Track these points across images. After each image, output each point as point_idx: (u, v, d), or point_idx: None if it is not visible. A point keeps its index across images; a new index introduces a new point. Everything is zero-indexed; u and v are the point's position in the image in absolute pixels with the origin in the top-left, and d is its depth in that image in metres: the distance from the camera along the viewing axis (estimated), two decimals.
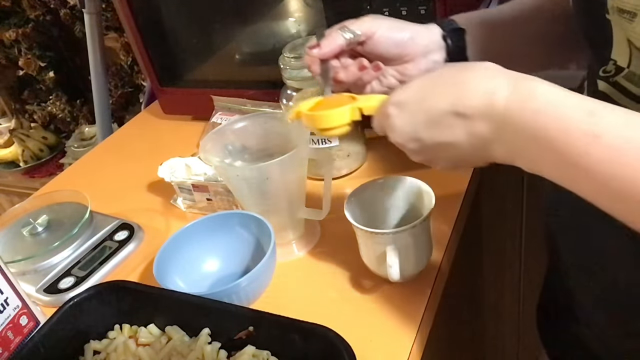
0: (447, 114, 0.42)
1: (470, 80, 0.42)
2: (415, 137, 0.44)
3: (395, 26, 0.57)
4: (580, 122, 0.36)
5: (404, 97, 0.45)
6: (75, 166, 1.08)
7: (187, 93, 1.05)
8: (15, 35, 1.82)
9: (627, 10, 0.40)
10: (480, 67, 0.43)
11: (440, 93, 0.43)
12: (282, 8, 0.87)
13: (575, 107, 0.37)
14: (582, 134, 0.36)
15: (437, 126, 0.43)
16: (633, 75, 0.43)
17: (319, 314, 0.56)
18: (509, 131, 0.39)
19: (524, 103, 0.38)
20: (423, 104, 0.44)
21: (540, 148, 0.38)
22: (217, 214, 0.71)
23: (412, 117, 0.44)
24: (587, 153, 0.35)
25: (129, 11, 0.96)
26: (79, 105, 1.95)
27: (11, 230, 0.82)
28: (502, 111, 0.39)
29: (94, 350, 0.59)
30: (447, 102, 0.42)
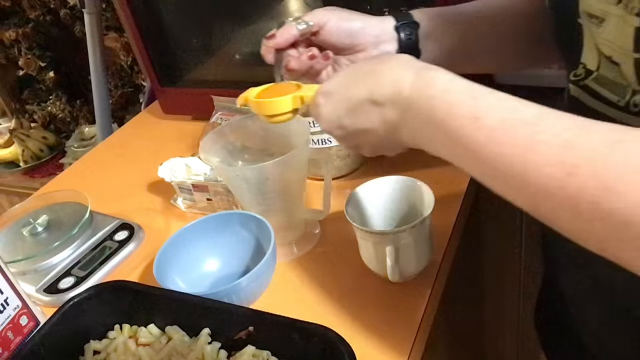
0: (364, 102, 0.45)
1: (384, 70, 0.45)
2: (340, 124, 0.48)
3: (346, 17, 0.59)
4: (465, 105, 0.38)
5: (329, 87, 0.48)
6: (75, 166, 1.08)
7: (187, 93, 1.05)
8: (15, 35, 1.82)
9: (595, 15, 0.41)
10: (394, 58, 0.46)
11: (359, 83, 0.46)
12: (282, 8, 0.87)
13: (462, 92, 0.40)
14: (465, 116, 0.38)
15: (357, 113, 0.46)
16: (603, 78, 0.44)
17: (319, 314, 0.56)
18: (410, 116, 0.42)
19: (422, 90, 0.41)
20: (345, 93, 0.47)
21: (434, 131, 0.41)
22: (217, 214, 0.71)
23: (336, 105, 0.47)
24: (471, 134, 0.37)
25: (129, 11, 0.96)
26: (79, 105, 1.95)
27: (11, 230, 0.82)
28: (406, 98, 0.42)
29: (94, 350, 0.59)
30: (364, 91, 0.45)
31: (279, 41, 0.58)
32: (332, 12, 0.59)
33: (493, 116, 0.37)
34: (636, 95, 0.40)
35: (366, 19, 0.60)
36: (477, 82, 0.41)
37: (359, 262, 0.65)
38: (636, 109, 0.41)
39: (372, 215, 0.66)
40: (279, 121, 0.54)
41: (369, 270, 0.64)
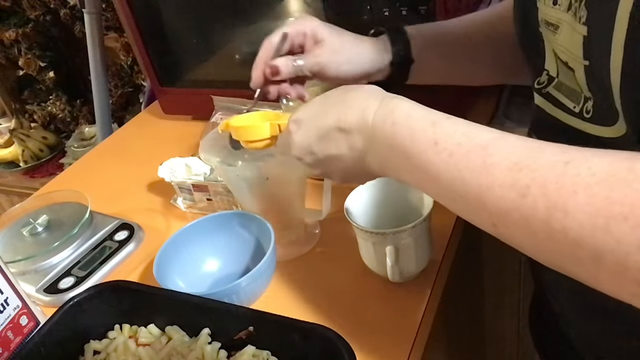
0: (332, 129, 0.46)
1: (351, 99, 0.46)
2: (310, 151, 0.49)
3: (339, 67, 0.60)
4: (425, 132, 0.40)
5: (300, 115, 0.50)
6: (75, 166, 1.08)
7: (187, 93, 1.05)
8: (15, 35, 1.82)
9: (551, 23, 0.43)
10: (361, 88, 0.48)
11: (328, 111, 0.47)
12: (282, 8, 0.87)
13: (422, 118, 0.41)
14: (424, 141, 0.39)
15: (326, 141, 0.47)
16: (561, 85, 0.45)
17: (319, 314, 0.56)
18: (375, 143, 0.44)
19: (386, 117, 0.43)
20: (315, 121, 0.48)
21: (397, 156, 0.42)
22: (217, 214, 0.71)
23: (307, 133, 0.49)
24: (431, 159, 0.39)
25: (129, 11, 0.96)
26: (79, 105, 1.95)
27: (11, 230, 0.82)
28: (371, 125, 0.44)
29: (94, 350, 0.59)
30: (332, 119, 0.46)
31: (279, 78, 0.61)
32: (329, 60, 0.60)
33: (450, 141, 0.38)
34: (588, 102, 0.42)
35: (361, 61, 0.61)
36: None
37: (359, 262, 0.65)
38: (588, 115, 0.42)
39: (372, 215, 0.66)
40: (258, 147, 0.56)
41: (369, 270, 0.64)
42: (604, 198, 0.29)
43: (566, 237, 0.31)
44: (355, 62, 0.61)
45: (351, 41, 0.62)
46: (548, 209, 0.31)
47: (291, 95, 0.63)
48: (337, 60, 0.60)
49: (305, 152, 0.49)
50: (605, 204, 0.29)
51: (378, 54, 0.62)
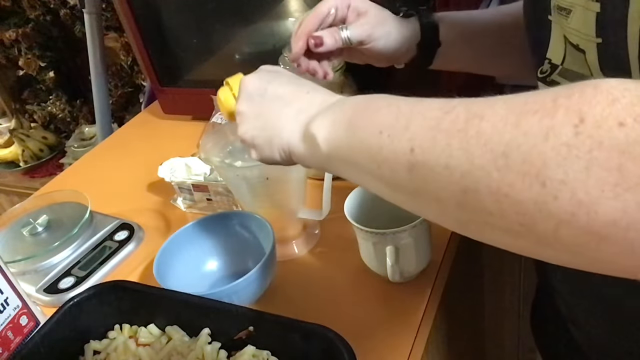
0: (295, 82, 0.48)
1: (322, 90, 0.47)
2: (261, 87, 0.48)
3: (388, 39, 0.60)
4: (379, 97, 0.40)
5: (267, 67, 0.52)
6: (75, 166, 1.08)
7: (187, 93, 1.05)
8: (15, 35, 1.82)
9: (564, 7, 0.43)
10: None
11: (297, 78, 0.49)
12: (282, 8, 0.87)
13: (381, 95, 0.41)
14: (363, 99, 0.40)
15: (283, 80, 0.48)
16: (566, 72, 0.45)
17: (319, 314, 0.56)
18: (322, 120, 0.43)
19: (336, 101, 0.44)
20: (278, 73, 0.50)
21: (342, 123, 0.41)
22: (217, 214, 0.71)
23: (266, 75, 0.49)
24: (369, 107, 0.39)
25: (129, 11, 0.96)
26: (79, 105, 1.95)
27: (11, 230, 0.82)
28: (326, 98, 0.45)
29: (94, 350, 0.59)
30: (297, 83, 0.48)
31: (323, 50, 0.59)
32: (380, 33, 0.60)
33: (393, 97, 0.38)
34: None
35: (400, 36, 0.61)
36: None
37: (359, 262, 0.65)
38: None
39: (372, 215, 0.66)
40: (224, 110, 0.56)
41: (369, 270, 0.64)
42: (521, 102, 0.29)
43: (477, 141, 0.30)
44: (396, 36, 0.60)
45: (392, 16, 0.61)
46: (467, 119, 0.31)
47: (318, 74, 0.61)
48: (384, 30, 0.59)
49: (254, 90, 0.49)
50: (520, 105, 0.29)
51: (410, 32, 0.62)
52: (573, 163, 0.26)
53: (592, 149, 0.25)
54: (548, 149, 0.27)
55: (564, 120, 0.26)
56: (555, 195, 0.26)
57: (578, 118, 0.26)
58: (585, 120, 0.26)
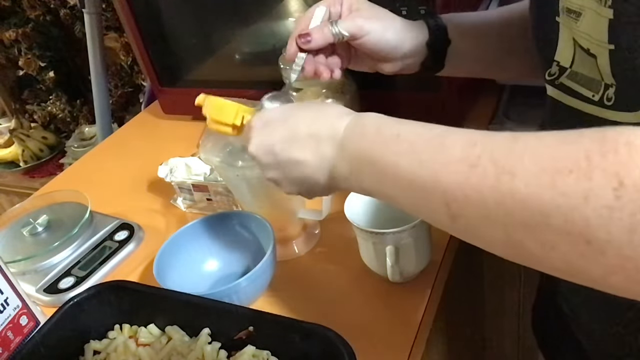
0: (303, 134, 0.47)
1: (325, 109, 0.48)
2: (271, 150, 0.48)
3: (383, 34, 0.59)
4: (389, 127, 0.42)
5: (269, 115, 0.50)
6: (75, 166, 1.08)
7: (187, 93, 1.04)
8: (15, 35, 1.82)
9: (573, 10, 0.42)
10: (338, 105, 0.49)
11: (300, 116, 0.48)
12: (282, 8, 0.87)
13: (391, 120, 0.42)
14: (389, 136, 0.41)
15: (292, 142, 0.47)
16: (576, 75, 0.45)
17: (319, 314, 0.56)
18: (346, 150, 0.44)
19: (355, 128, 0.44)
20: (285, 121, 0.48)
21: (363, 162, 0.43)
22: (217, 214, 0.71)
23: (273, 131, 0.48)
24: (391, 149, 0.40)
25: (129, 11, 0.96)
26: (79, 105, 1.95)
27: (11, 230, 0.82)
28: (342, 135, 0.45)
29: (94, 350, 0.59)
30: (304, 124, 0.47)
31: (313, 46, 0.58)
32: (371, 25, 0.58)
33: (412, 132, 0.40)
34: (609, 89, 0.41)
35: (402, 35, 0.60)
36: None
37: (359, 262, 0.65)
38: (610, 102, 0.42)
39: (372, 215, 0.66)
40: (220, 130, 0.55)
41: (369, 270, 0.64)
42: (549, 158, 0.30)
43: (513, 199, 0.31)
44: (393, 33, 0.59)
45: (390, 14, 0.60)
46: (497, 174, 0.32)
47: (323, 76, 0.60)
48: (378, 24, 0.58)
49: (265, 151, 0.49)
50: (551, 162, 0.29)
51: (415, 32, 0.61)
52: (616, 224, 0.27)
53: (635, 213, 0.26)
54: (589, 211, 0.28)
55: (603, 183, 0.27)
56: (602, 251, 0.28)
57: (617, 181, 0.27)
58: (624, 184, 0.27)
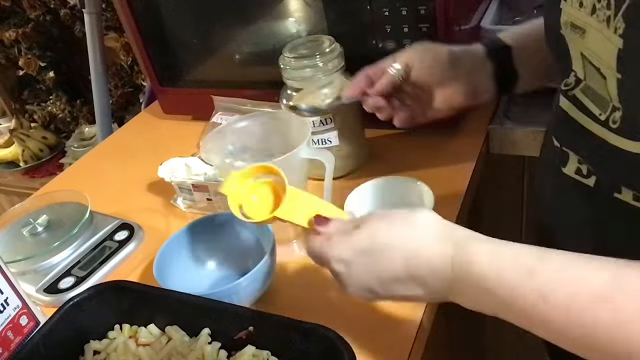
0: (402, 275, 0.44)
1: (416, 243, 0.44)
2: (370, 291, 0.46)
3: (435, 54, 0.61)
4: (523, 285, 0.38)
5: (348, 255, 0.46)
6: (75, 166, 1.08)
7: (187, 93, 1.05)
8: (15, 35, 1.82)
9: (578, 26, 0.42)
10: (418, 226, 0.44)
11: (388, 254, 0.44)
12: (282, 8, 0.87)
13: (514, 267, 0.39)
14: (527, 295, 0.37)
15: (394, 284, 0.44)
16: (588, 89, 0.45)
17: (319, 314, 0.56)
18: (461, 288, 0.42)
19: (469, 271, 0.41)
20: (372, 262, 0.45)
21: (493, 305, 0.40)
22: (217, 214, 0.71)
23: (364, 275, 0.45)
24: (538, 311, 0.37)
25: (129, 11, 0.96)
26: (79, 105, 1.95)
27: (11, 230, 0.82)
28: (451, 273, 0.42)
29: (94, 350, 0.59)
30: (399, 266, 0.43)
31: (377, 90, 0.62)
32: (420, 51, 0.61)
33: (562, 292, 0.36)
34: (616, 112, 0.41)
35: (455, 52, 0.61)
36: None
37: None
38: (614, 125, 0.41)
39: None
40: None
41: None
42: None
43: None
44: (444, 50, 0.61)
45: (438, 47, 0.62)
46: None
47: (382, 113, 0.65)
48: (427, 48, 0.61)
49: (363, 292, 0.47)
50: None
51: (469, 48, 0.62)
52: None
53: None
54: None
55: None
56: None
57: None
58: None
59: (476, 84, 0.62)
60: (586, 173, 0.48)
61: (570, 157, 0.49)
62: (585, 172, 0.48)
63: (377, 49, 0.80)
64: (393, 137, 0.87)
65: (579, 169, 0.49)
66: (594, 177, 0.47)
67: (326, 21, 0.83)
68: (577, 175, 0.49)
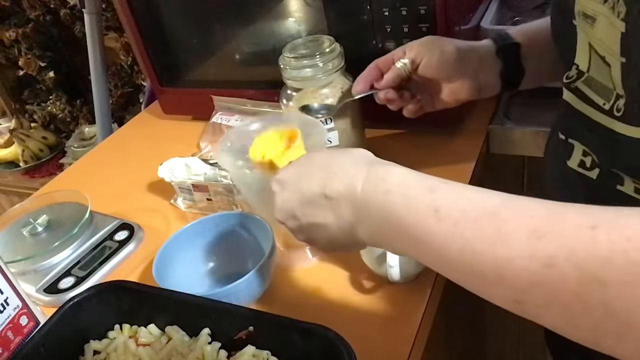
0: (317, 195, 0.44)
1: (338, 163, 0.44)
2: (292, 215, 0.46)
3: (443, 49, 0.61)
4: (422, 199, 0.37)
5: (284, 176, 0.48)
6: (75, 166, 1.08)
7: (187, 93, 1.05)
8: (15, 35, 1.82)
9: (589, 15, 0.42)
10: (349, 152, 0.46)
11: (313, 175, 0.45)
12: (282, 8, 0.87)
13: (418, 184, 0.39)
14: (423, 210, 0.37)
15: (310, 207, 0.45)
16: (591, 80, 0.45)
17: (319, 314, 0.56)
18: (365, 213, 0.41)
19: (377, 185, 0.40)
20: (298, 184, 0.46)
21: (392, 229, 0.39)
22: (216, 215, 0.71)
23: (290, 196, 0.46)
24: (432, 229, 0.36)
25: (129, 11, 0.96)
26: (79, 105, 1.95)
27: (11, 230, 0.82)
28: (360, 194, 0.41)
29: (94, 350, 0.59)
30: (317, 185, 0.44)
31: (385, 84, 0.63)
32: (428, 47, 0.62)
33: (454, 208, 0.35)
34: (619, 100, 0.41)
35: (463, 49, 0.62)
36: None
37: (359, 262, 0.64)
38: (619, 113, 0.41)
39: None
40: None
41: (369, 270, 0.64)
42: None
43: (605, 310, 0.27)
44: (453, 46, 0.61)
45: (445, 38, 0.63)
46: (581, 281, 0.28)
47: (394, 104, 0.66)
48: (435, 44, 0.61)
49: (288, 216, 0.47)
50: None
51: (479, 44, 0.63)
52: None
53: None
54: None
55: None
56: None
57: None
58: None
59: (482, 81, 0.63)
60: (589, 165, 0.48)
61: (575, 149, 0.49)
62: (588, 164, 0.48)
63: (377, 49, 0.80)
64: (393, 137, 0.87)
65: (582, 161, 0.49)
66: (597, 170, 0.47)
67: (326, 21, 0.83)
68: (580, 168, 0.49)
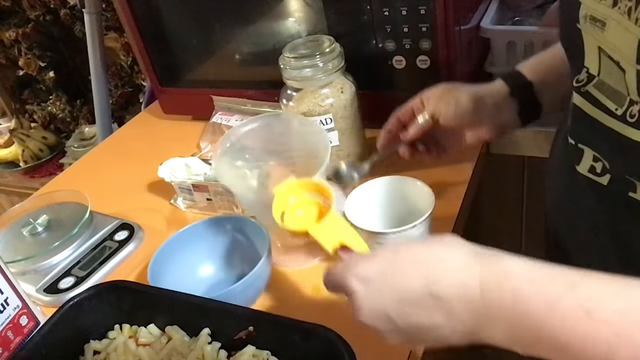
0: (420, 294, 0.38)
1: (437, 256, 0.40)
2: (386, 316, 0.40)
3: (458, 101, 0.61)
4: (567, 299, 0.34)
5: (367, 272, 0.41)
6: (75, 166, 1.08)
7: (187, 93, 1.05)
8: (15, 35, 1.82)
9: (598, 19, 0.41)
10: (442, 242, 0.41)
11: (409, 270, 0.40)
12: (282, 8, 0.87)
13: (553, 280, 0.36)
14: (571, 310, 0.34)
15: (410, 306, 0.39)
16: (602, 84, 0.44)
17: (319, 314, 0.56)
18: (492, 317, 0.37)
19: (500, 286, 0.36)
20: (390, 280, 0.40)
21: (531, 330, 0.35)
22: (212, 218, 0.70)
23: (379, 294, 0.40)
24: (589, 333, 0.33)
25: (129, 11, 0.96)
26: (79, 105, 1.95)
27: (11, 230, 0.82)
28: (480, 296, 0.37)
29: (94, 350, 0.59)
30: (418, 281, 0.38)
31: (409, 137, 0.64)
32: (444, 100, 0.61)
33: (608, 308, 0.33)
34: (633, 106, 0.40)
35: (477, 97, 0.62)
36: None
37: None
38: (632, 119, 0.41)
39: (372, 215, 0.66)
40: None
41: None
42: None
43: None
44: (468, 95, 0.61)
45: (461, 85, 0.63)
46: None
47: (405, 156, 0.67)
48: (450, 96, 0.62)
49: (378, 317, 0.41)
50: None
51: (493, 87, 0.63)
52: None
53: None
54: None
55: None
56: None
57: None
58: None
59: (502, 122, 0.63)
60: (600, 171, 0.47)
61: (585, 154, 0.49)
62: (599, 169, 0.47)
63: (377, 49, 0.80)
64: None
65: (592, 167, 0.48)
66: (608, 175, 0.46)
67: (326, 21, 0.83)
68: (590, 174, 0.48)
